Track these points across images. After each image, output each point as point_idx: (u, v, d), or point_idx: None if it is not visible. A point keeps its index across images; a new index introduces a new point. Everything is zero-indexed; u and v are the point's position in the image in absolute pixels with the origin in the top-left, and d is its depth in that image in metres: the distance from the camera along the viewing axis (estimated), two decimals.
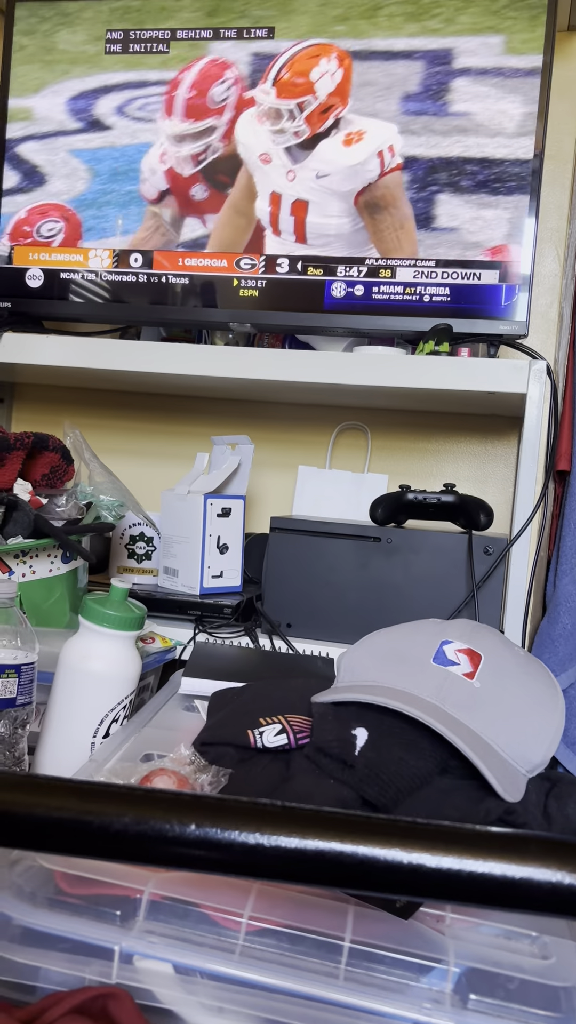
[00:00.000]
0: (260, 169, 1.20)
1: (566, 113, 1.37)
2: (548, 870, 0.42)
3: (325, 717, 0.66)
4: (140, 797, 0.45)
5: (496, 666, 0.71)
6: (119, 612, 0.79)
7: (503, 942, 0.54)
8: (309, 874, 0.44)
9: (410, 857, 0.43)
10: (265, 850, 0.44)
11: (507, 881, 0.43)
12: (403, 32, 1.16)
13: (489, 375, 1.07)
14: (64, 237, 1.26)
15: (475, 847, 0.43)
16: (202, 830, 0.44)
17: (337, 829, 0.44)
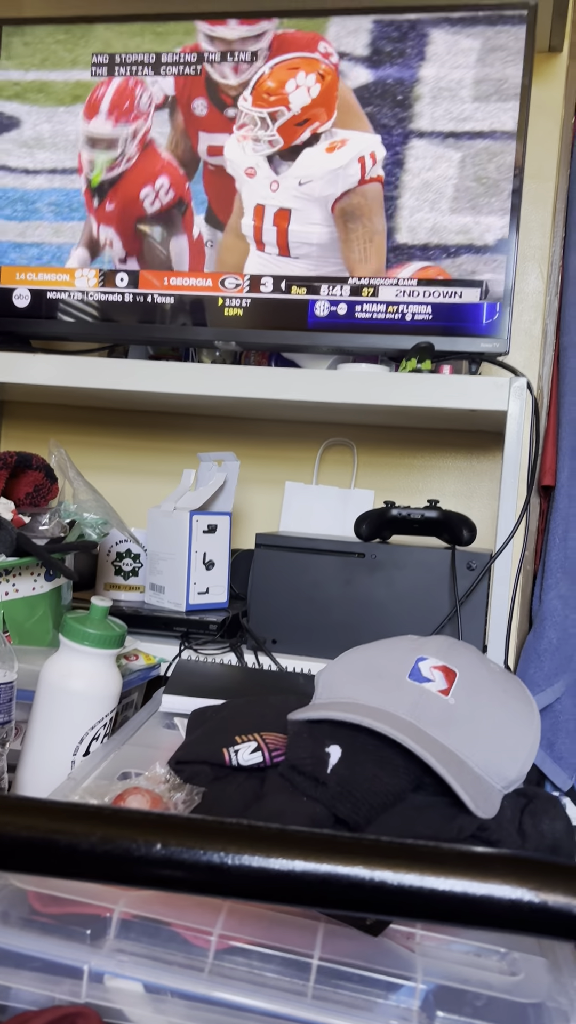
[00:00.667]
0: (247, 184, 1.22)
1: (548, 133, 1.39)
2: (508, 887, 0.43)
3: (299, 735, 0.66)
4: (107, 817, 0.46)
5: (471, 683, 0.72)
6: (99, 630, 0.80)
7: (473, 959, 0.54)
8: (273, 893, 0.44)
9: (372, 875, 0.44)
10: (230, 869, 0.44)
11: (468, 898, 0.43)
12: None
13: (470, 392, 1.08)
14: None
15: (437, 865, 0.44)
16: (167, 849, 0.45)
17: (301, 848, 0.45)
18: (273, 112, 1.20)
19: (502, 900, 0.43)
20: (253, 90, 1.21)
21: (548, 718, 1.37)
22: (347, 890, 0.44)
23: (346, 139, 1.17)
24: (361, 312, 1.18)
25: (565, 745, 1.36)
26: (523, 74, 1.14)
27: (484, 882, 0.43)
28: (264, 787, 0.64)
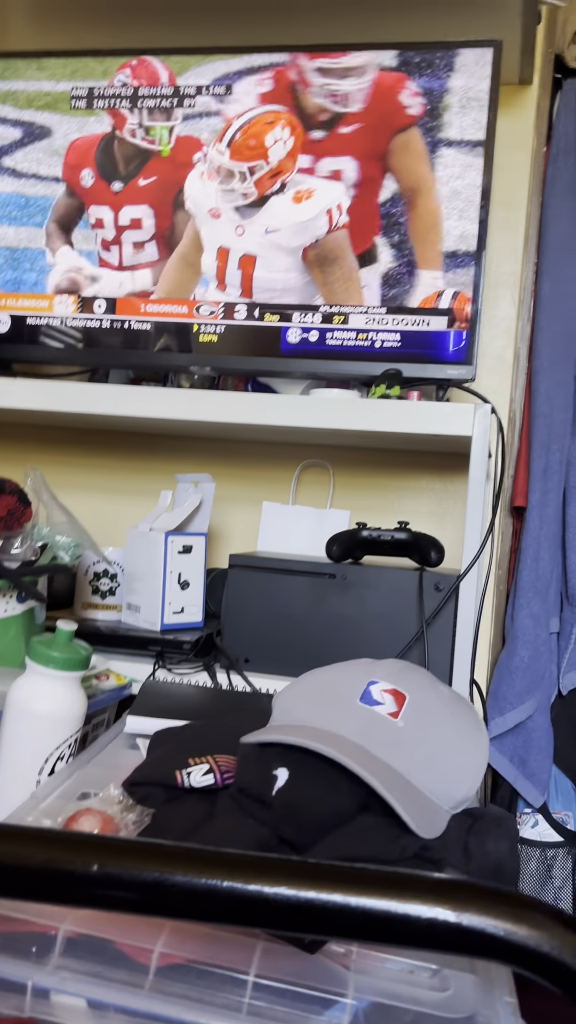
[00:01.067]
0: (209, 223, 1.25)
1: (520, 163, 1.42)
2: (426, 907, 0.45)
3: (248, 758, 0.68)
4: (49, 839, 0.48)
5: (420, 705, 0.74)
6: (63, 653, 0.82)
7: (406, 976, 0.56)
8: (204, 912, 0.46)
9: (298, 894, 0.46)
10: (164, 889, 0.47)
11: (389, 917, 0.45)
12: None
13: (436, 418, 1.10)
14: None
15: (360, 885, 0.46)
16: (105, 870, 0.47)
17: (230, 868, 0.47)
18: (252, 167, 1.23)
19: (420, 919, 0.45)
20: (231, 143, 1.23)
21: (520, 735, 1.39)
22: (273, 909, 0.46)
23: (312, 189, 1.20)
24: (332, 339, 1.21)
25: (537, 762, 1.38)
26: (488, 109, 1.17)
27: (404, 902, 0.46)
28: (214, 809, 0.66)
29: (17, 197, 1.31)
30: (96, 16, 1.33)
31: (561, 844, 1.38)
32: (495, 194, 1.42)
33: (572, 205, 1.43)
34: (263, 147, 1.22)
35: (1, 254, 1.32)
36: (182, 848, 0.47)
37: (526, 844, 1.39)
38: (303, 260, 1.20)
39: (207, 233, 1.25)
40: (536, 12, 1.25)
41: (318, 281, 1.19)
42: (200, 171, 1.25)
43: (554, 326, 1.40)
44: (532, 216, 1.42)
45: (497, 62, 1.18)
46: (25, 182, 1.30)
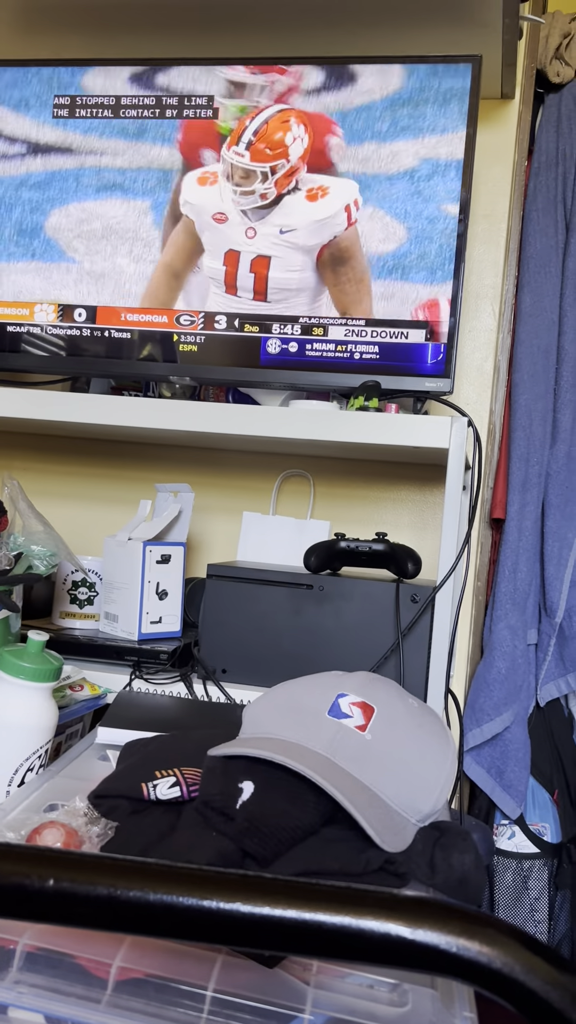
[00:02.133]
0: (212, 228, 1.25)
1: (501, 176, 1.43)
2: (379, 922, 0.45)
3: (213, 771, 0.68)
4: (2, 852, 0.48)
5: (388, 718, 0.75)
6: (34, 664, 0.82)
7: (365, 991, 0.56)
8: (157, 927, 0.46)
9: (252, 910, 0.46)
10: (119, 904, 0.47)
11: (343, 932, 0.45)
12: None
13: (413, 431, 1.11)
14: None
15: (314, 901, 0.46)
16: (60, 884, 0.47)
17: (185, 883, 0.47)
18: (274, 166, 1.23)
19: (374, 935, 0.45)
20: (251, 145, 1.24)
21: (498, 747, 1.40)
22: (227, 925, 0.46)
23: (326, 186, 1.21)
24: (311, 350, 1.22)
25: (514, 774, 1.38)
26: (467, 124, 1.18)
27: (359, 918, 0.46)
28: (179, 822, 0.66)
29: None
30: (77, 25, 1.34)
31: (537, 855, 1.39)
32: (477, 207, 1.44)
33: (553, 219, 1.44)
34: (284, 146, 1.22)
35: None
36: (137, 863, 0.47)
37: (503, 855, 1.40)
38: (317, 260, 1.20)
39: (211, 238, 1.25)
40: (518, 28, 1.26)
41: (328, 281, 1.19)
42: (199, 176, 1.25)
43: (534, 339, 1.41)
44: (513, 229, 1.43)
45: (476, 77, 1.19)
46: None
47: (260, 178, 1.23)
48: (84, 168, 1.29)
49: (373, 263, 1.20)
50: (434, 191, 1.19)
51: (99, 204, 1.28)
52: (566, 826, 1.41)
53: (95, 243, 1.28)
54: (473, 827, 1.26)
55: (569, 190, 1.44)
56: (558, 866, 1.39)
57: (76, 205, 1.28)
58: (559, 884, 1.39)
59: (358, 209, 1.21)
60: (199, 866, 0.47)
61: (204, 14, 1.27)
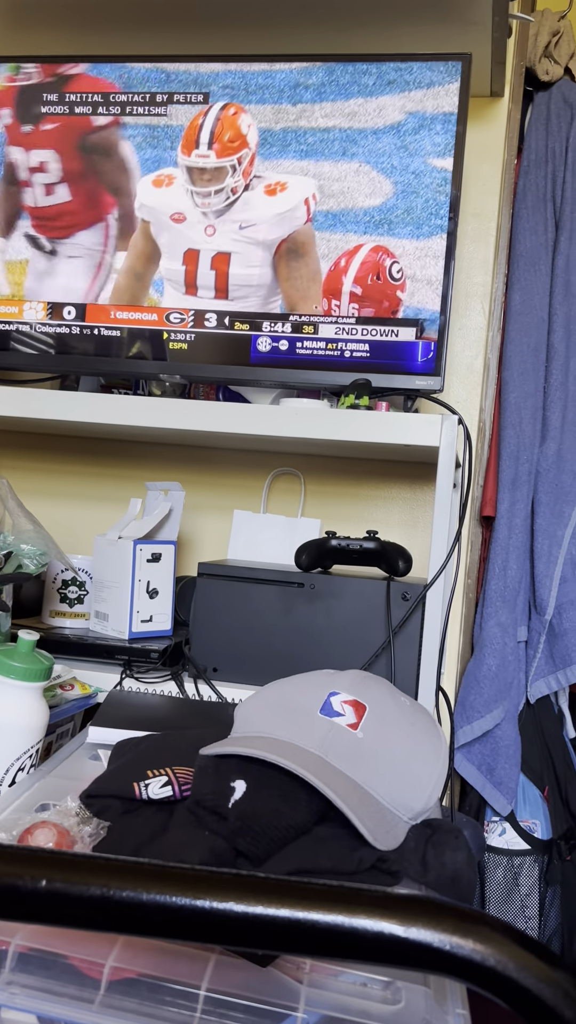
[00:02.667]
0: (171, 229, 1.25)
1: (490, 175, 1.44)
2: (373, 920, 0.45)
3: (205, 770, 0.68)
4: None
5: (380, 717, 0.75)
6: (25, 664, 0.82)
7: (359, 989, 0.56)
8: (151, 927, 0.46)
9: (246, 909, 0.46)
10: (112, 904, 0.47)
11: (337, 931, 0.45)
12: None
13: (404, 429, 1.11)
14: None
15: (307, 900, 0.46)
16: (52, 885, 0.47)
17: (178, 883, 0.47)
18: (240, 157, 1.23)
19: (368, 933, 0.45)
20: (212, 143, 1.24)
21: (488, 744, 1.40)
22: (220, 925, 0.46)
23: (283, 181, 1.21)
24: (302, 348, 1.22)
25: (504, 771, 1.39)
26: (458, 122, 1.18)
27: (352, 916, 0.46)
28: (171, 821, 0.66)
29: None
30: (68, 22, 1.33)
31: (528, 852, 1.39)
32: (467, 205, 1.44)
33: (542, 217, 1.44)
34: (242, 135, 1.23)
35: None
36: (129, 863, 0.47)
37: (493, 852, 1.40)
38: (275, 254, 1.21)
39: (168, 239, 1.25)
40: (507, 26, 1.27)
41: (282, 275, 1.20)
42: (153, 179, 1.25)
43: (524, 337, 1.41)
44: (503, 227, 1.43)
45: (466, 75, 1.19)
46: None
47: (230, 172, 1.23)
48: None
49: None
50: (420, 146, 1.19)
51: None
52: (556, 823, 1.41)
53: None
54: (464, 824, 1.26)
55: (558, 188, 1.45)
56: (548, 862, 1.40)
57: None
58: (549, 880, 1.39)
59: (316, 202, 1.21)
60: (192, 866, 0.47)
61: (192, 12, 1.27)
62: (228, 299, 1.22)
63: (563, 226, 1.43)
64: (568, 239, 1.42)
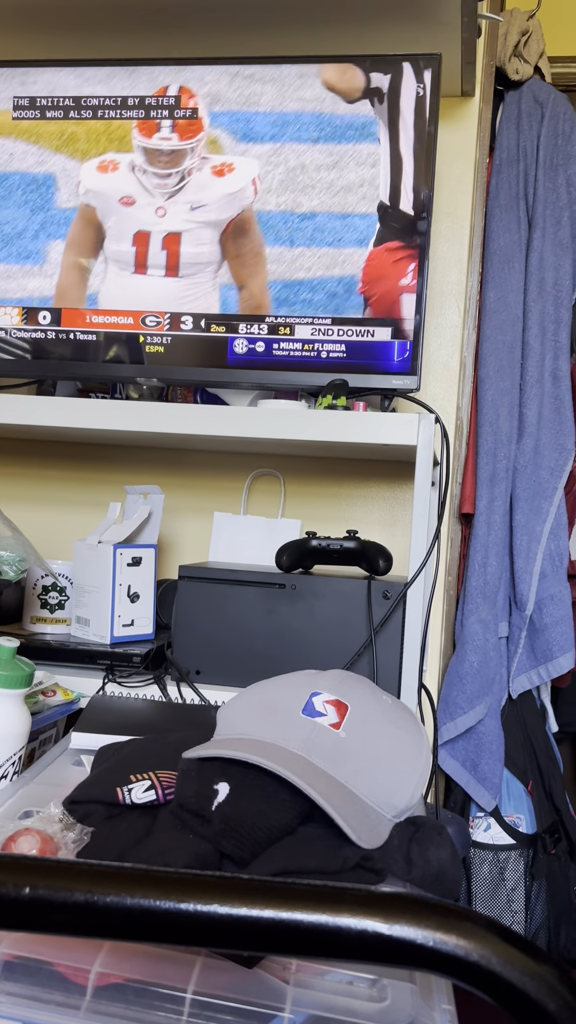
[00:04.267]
0: (119, 212, 1.25)
1: (463, 174, 1.44)
2: (356, 919, 0.46)
3: (188, 773, 0.68)
4: None
5: (362, 716, 0.75)
6: (5, 671, 0.81)
7: (345, 987, 0.57)
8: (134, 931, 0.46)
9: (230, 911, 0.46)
10: (95, 909, 0.47)
11: (321, 930, 0.46)
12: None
13: (381, 428, 1.11)
14: None
15: (291, 900, 0.46)
16: (36, 892, 0.47)
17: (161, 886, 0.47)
18: (199, 138, 1.24)
19: (351, 931, 0.46)
20: (175, 126, 1.24)
21: (471, 740, 1.41)
22: (204, 927, 0.46)
23: (231, 162, 1.22)
24: (278, 350, 1.22)
25: (488, 766, 1.40)
26: (428, 121, 1.19)
27: (335, 915, 0.46)
28: (155, 825, 0.66)
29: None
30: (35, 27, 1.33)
31: (513, 847, 1.40)
32: (440, 204, 1.44)
33: (515, 216, 1.46)
34: (198, 116, 1.24)
35: None
36: (112, 868, 0.47)
37: (479, 848, 1.41)
38: (222, 233, 1.22)
39: (117, 222, 1.25)
40: (476, 26, 1.27)
41: (230, 254, 1.21)
42: (97, 164, 1.26)
43: (499, 335, 1.42)
44: (476, 226, 1.44)
45: (436, 75, 1.19)
46: None
47: (189, 154, 1.24)
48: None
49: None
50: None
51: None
52: (541, 817, 1.42)
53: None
54: (449, 820, 1.27)
55: (530, 186, 1.46)
56: (534, 856, 1.41)
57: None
58: (535, 874, 1.40)
59: (261, 182, 1.22)
60: (175, 869, 0.47)
61: (161, 15, 1.27)
62: (178, 276, 1.23)
63: (536, 224, 1.44)
64: (541, 236, 1.43)
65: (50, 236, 1.28)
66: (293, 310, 1.21)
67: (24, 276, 1.29)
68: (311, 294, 1.21)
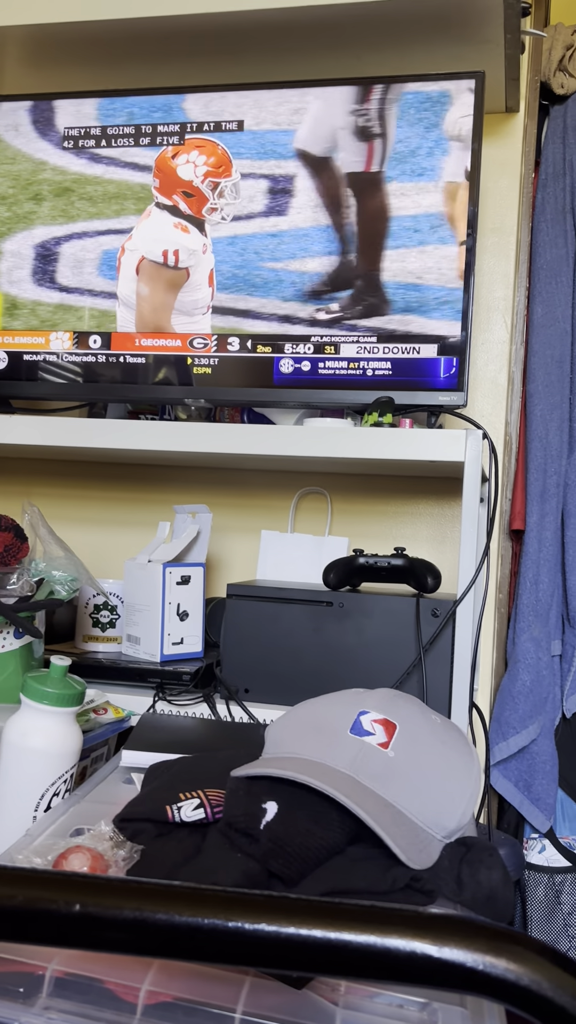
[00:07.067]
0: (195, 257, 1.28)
1: (508, 189, 1.44)
2: (406, 940, 0.45)
3: (236, 792, 0.69)
4: (29, 878, 0.49)
5: (411, 735, 0.74)
6: (57, 689, 0.83)
7: (395, 1010, 0.56)
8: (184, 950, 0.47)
9: (279, 930, 0.46)
10: (145, 927, 0.47)
11: (370, 952, 0.45)
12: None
13: (428, 445, 1.11)
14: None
15: (340, 920, 0.46)
16: (86, 909, 0.47)
17: (210, 905, 0.47)
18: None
19: (401, 953, 0.45)
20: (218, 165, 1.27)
21: (525, 760, 1.39)
22: (253, 946, 0.46)
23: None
24: (324, 368, 1.22)
25: (542, 786, 1.37)
26: (473, 139, 1.19)
27: (385, 936, 0.46)
28: (203, 843, 0.67)
29: None
30: (86, 59, 1.36)
31: (569, 869, 1.37)
32: (486, 220, 1.44)
33: (562, 229, 1.44)
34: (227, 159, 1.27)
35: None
36: (162, 886, 0.47)
37: (533, 870, 1.38)
38: None
39: (196, 264, 1.27)
40: (520, 43, 1.27)
41: None
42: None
43: (547, 349, 1.41)
44: (523, 241, 1.43)
45: (480, 93, 1.20)
46: None
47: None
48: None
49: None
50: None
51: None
52: None
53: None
54: (502, 842, 1.25)
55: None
56: None
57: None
58: None
59: None
60: (224, 888, 0.47)
61: (205, 43, 1.29)
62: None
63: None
64: None
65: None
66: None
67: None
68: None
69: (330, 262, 1.23)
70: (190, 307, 1.28)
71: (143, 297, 1.29)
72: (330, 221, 1.23)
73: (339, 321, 1.22)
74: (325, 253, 1.23)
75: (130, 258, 1.30)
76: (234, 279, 1.26)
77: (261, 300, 1.25)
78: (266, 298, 1.25)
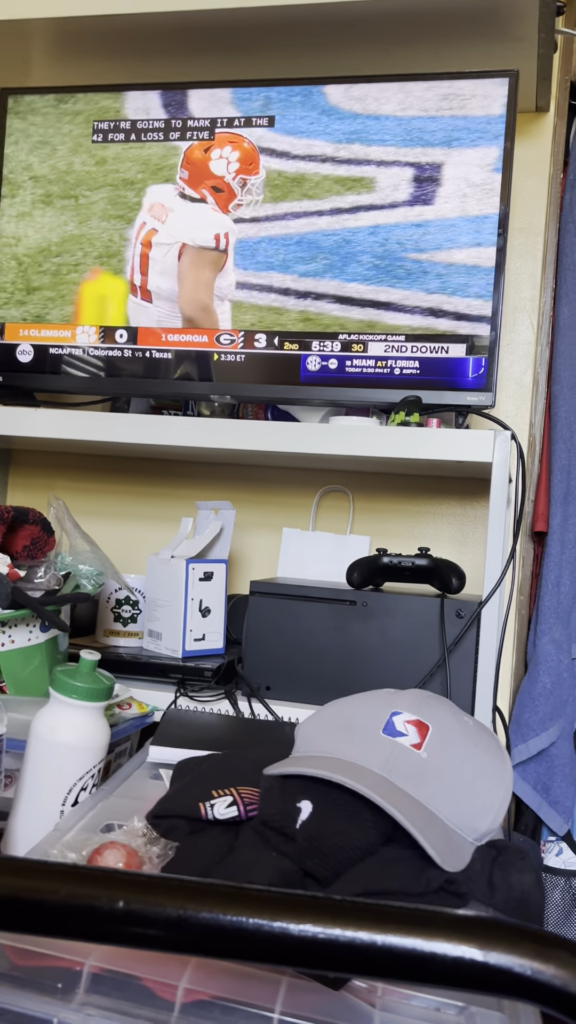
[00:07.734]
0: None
1: (536, 189, 1.43)
2: (451, 944, 0.45)
3: (271, 790, 0.68)
4: (72, 874, 0.48)
5: (444, 737, 0.74)
6: (86, 683, 0.83)
7: (432, 1014, 0.56)
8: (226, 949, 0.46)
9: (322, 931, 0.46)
10: (188, 925, 0.47)
11: (415, 955, 0.45)
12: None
13: (455, 445, 1.11)
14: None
15: (386, 923, 0.46)
16: (130, 906, 0.47)
17: (253, 905, 0.47)
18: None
19: (446, 958, 0.45)
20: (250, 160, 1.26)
21: (544, 762, 1.38)
22: (299, 947, 0.46)
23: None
24: (351, 367, 1.22)
25: (561, 789, 1.37)
26: (506, 138, 1.18)
27: (430, 940, 0.45)
28: (237, 842, 0.66)
29: None
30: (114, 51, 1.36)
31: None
32: (514, 220, 1.43)
33: None
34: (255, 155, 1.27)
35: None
36: (207, 884, 0.47)
37: (550, 873, 1.38)
38: None
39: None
40: (553, 42, 1.26)
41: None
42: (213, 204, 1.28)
43: (573, 351, 1.40)
44: (550, 242, 1.43)
45: (514, 92, 1.19)
46: None
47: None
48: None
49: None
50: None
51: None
52: None
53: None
54: (520, 844, 1.24)
55: None
56: None
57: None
58: None
59: None
60: (268, 888, 0.47)
61: (237, 38, 1.29)
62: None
63: None
64: None
65: None
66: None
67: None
68: None
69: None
70: (225, 291, 1.28)
71: (188, 282, 1.29)
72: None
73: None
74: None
75: (162, 251, 1.29)
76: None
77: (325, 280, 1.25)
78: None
